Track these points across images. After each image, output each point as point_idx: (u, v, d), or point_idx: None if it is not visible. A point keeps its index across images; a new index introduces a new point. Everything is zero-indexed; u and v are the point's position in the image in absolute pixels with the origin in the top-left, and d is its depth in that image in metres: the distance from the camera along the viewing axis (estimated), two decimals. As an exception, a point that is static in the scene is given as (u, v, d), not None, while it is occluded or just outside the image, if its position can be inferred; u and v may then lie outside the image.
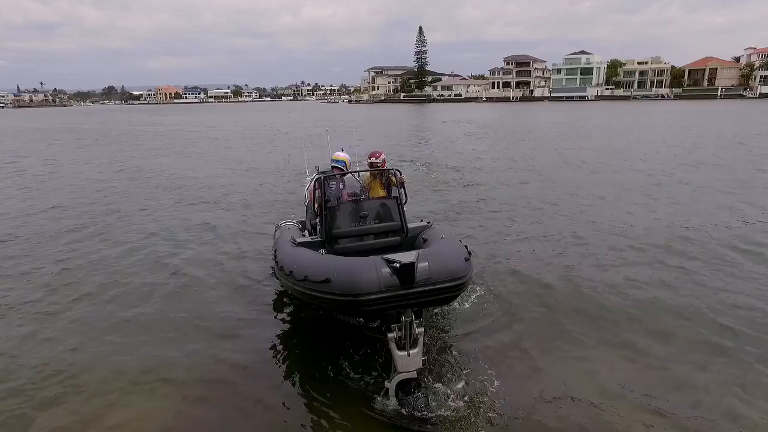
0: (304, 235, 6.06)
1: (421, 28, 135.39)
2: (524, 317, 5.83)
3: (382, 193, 5.99)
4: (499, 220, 10.18)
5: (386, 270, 3.78)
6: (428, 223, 5.93)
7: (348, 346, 4.94)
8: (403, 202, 5.68)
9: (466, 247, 4.53)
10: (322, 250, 4.88)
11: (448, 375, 4.52)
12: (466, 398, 4.18)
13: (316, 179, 5.69)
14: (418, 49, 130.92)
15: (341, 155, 6.28)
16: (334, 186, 5.76)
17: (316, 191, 5.64)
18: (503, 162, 18.92)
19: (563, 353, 5.04)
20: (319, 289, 4.08)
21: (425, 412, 3.98)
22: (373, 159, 6.09)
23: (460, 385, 4.35)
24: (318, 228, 5.76)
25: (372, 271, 3.79)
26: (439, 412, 4.01)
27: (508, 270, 7.25)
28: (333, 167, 6.18)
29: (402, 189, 5.73)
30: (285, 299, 6.30)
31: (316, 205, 5.69)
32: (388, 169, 5.98)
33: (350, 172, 6.15)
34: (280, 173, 16.99)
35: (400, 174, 5.81)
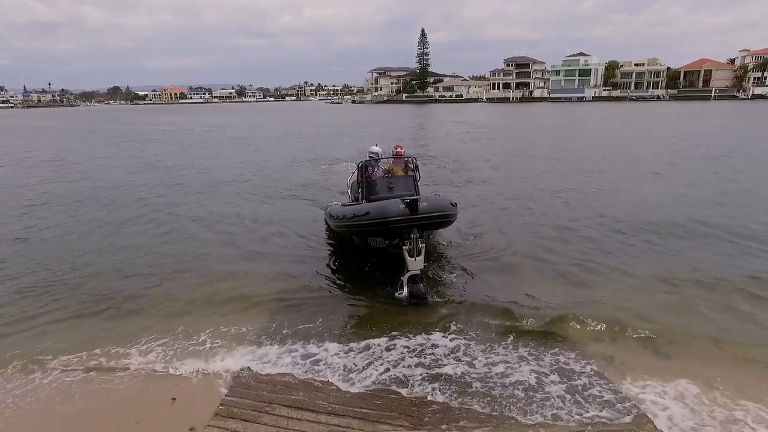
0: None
1: (423, 30, 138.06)
2: (497, 245, 8.97)
3: (402, 173, 8.95)
4: (487, 193, 13.33)
5: (402, 205, 6.50)
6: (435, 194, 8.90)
7: (376, 263, 7.85)
8: (418, 179, 8.66)
9: (454, 201, 7.40)
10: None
11: (440, 274, 7.62)
12: (450, 288, 7.18)
13: (360, 165, 8.68)
14: (420, 51, 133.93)
15: (375, 149, 9.26)
16: (371, 169, 8.75)
17: (359, 173, 8.66)
18: (493, 152, 21.93)
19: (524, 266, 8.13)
20: (361, 220, 6.93)
21: (425, 296, 6.69)
22: (398, 149, 9.04)
23: (447, 280, 7.40)
24: (359, 197, 8.73)
25: (394, 206, 6.54)
26: (433, 296, 6.85)
27: (489, 225, 10.31)
28: (370, 157, 9.16)
29: (417, 171, 8.71)
30: (333, 246, 9.31)
31: (358, 182, 8.69)
32: (408, 157, 8.96)
33: (380, 158, 9.13)
34: (307, 166, 20.01)
35: (416, 160, 8.82)
